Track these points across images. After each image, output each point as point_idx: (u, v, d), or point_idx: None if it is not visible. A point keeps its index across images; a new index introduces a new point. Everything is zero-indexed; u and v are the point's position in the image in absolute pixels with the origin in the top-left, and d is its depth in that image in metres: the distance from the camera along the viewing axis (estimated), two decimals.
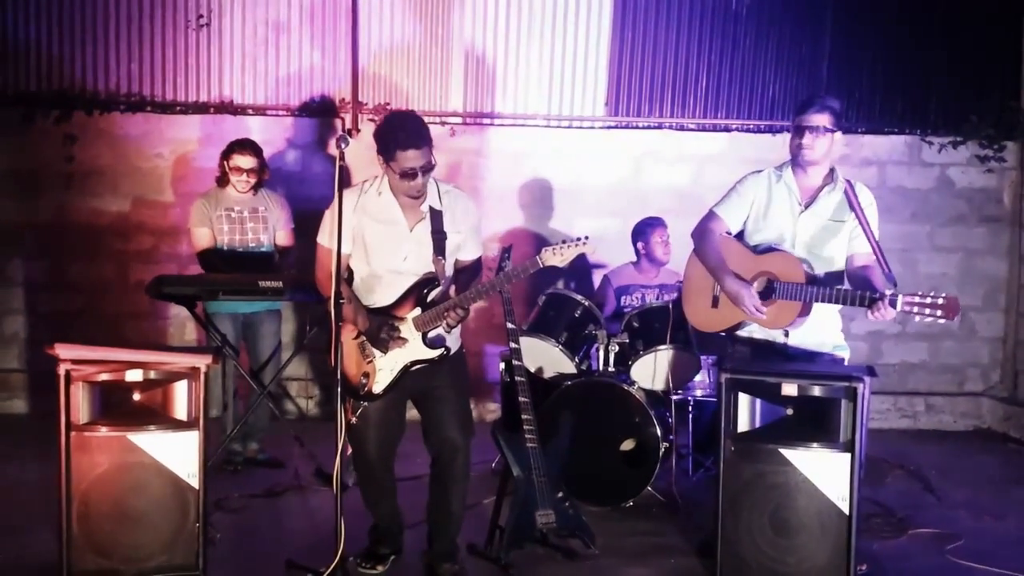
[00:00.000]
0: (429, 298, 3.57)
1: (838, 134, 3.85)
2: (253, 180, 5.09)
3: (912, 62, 6.63)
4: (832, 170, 3.92)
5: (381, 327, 3.53)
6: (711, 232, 3.95)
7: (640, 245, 5.49)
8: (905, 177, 6.70)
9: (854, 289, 3.67)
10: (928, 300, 3.47)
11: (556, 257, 3.41)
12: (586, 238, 3.43)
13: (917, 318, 3.52)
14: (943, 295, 3.47)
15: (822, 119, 3.79)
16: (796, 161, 3.88)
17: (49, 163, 6.30)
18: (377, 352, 3.57)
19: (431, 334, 3.58)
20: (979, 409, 6.81)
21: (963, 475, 5.48)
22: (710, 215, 3.99)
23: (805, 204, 3.88)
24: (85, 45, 6.34)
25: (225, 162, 5.09)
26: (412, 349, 3.56)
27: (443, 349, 3.59)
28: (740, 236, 4.01)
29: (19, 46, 6.33)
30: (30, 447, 5.11)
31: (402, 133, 3.41)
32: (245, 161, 5.06)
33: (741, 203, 3.95)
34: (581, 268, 6.43)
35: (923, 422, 6.79)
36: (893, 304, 3.49)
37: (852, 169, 6.58)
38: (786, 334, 3.88)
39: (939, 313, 3.46)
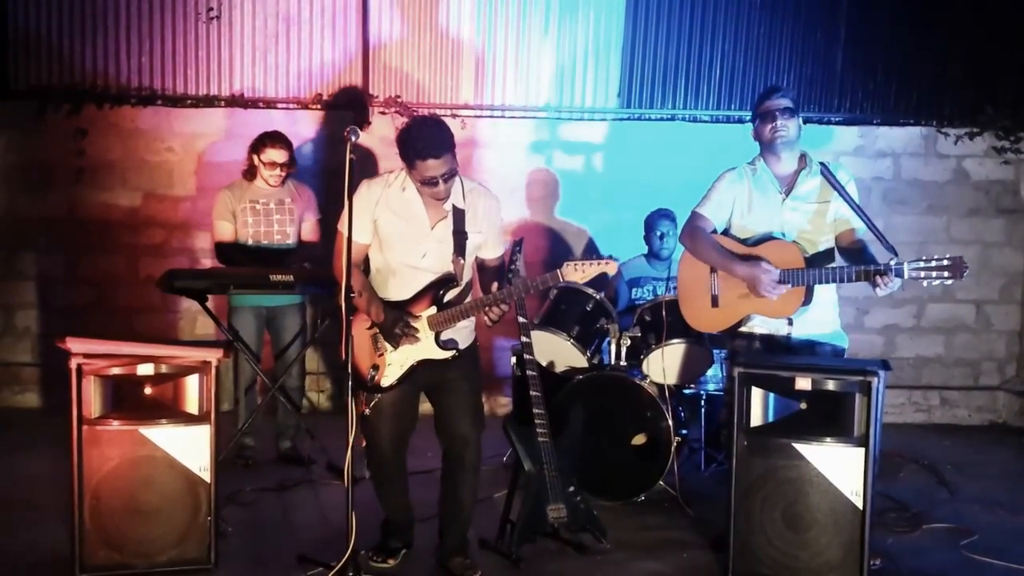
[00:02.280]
0: (446, 299, 3.56)
1: (799, 117, 3.89)
2: (285, 173, 5.03)
3: (927, 52, 6.57)
4: (804, 154, 3.93)
5: (396, 322, 3.52)
6: (702, 231, 3.93)
7: (644, 237, 5.55)
8: (921, 169, 6.65)
9: (856, 265, 3.67)
10: (933, 263, 3.55)
11: (577, 273, 3.41)
12: (609, 257, 3.42)
13: (925, 283, 3.59)
14: (947, 256, 3.55)
15: (787, 102, 3.84)
16: (771, 148, 3.88)
17: (60, 157, 6.31)
18: (388, 346, 3.56)
19: (444, 335, 3.57)
20: (995, 403, 6.77)
21: (978, 470, 5.44)
22: (695, 216, 3.97)
23: (786, 191, 3.89)
24: (96, 39, 6.35)
25: (255, 155, 5.00)
26: (423, 348, 3.56)
27: (454, 351, 3.59)
28: (725, 234, 3.99)
29: (30, 40, 6.34)
30: (42, 441, 5.12)
31: (423, 142, 3.39)
32: (279, 155, 4.98)
33: (723, 201, 3.95)
34: None
35: (938, 416, 6.75)
36: (899, 273, 3.56)
37: (867, 161, 6.55)
38: (790, 323, 3.87)
39: (946, 274, 3.54)
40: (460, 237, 3.55)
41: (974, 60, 6.55)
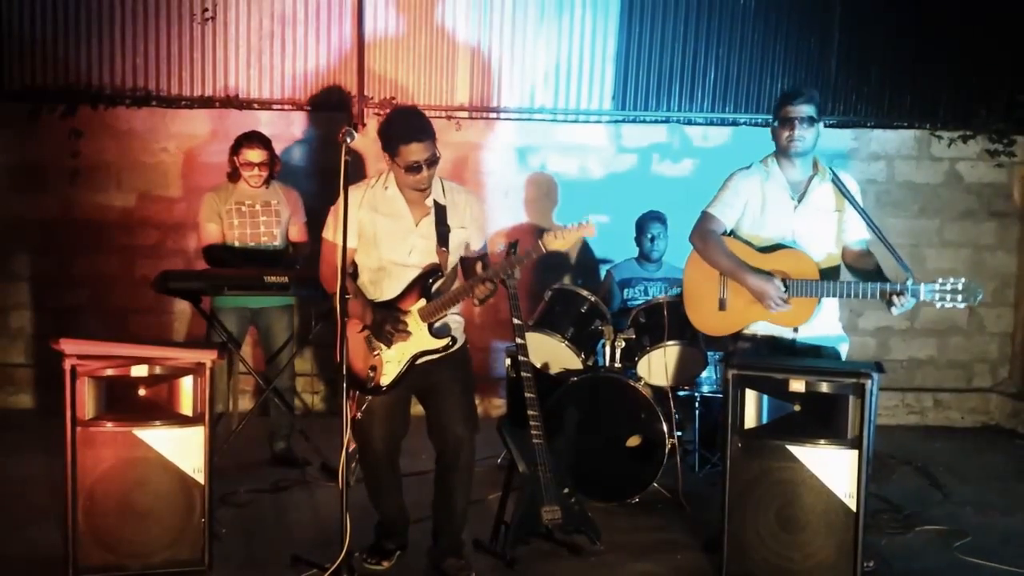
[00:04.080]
0: (434, 288, 3.57)
1: (820, 124, 3.84)
2: (265, 173, 5.04)
3: (921, 56, 6.59)
4: (815, 160, 3.89)
5: (385, 321, 3.53)
6: (713, 233, 3.88)
7: (635, 239, 5.57)
8: (914, 172, 6.66)
9: (872, 282, 3.66)
10: (949, 286, 3.57)
11: (558, 241, 3.39)
12: (588, 220, 3.39)
13: (939, 304, 3.60)
14: (961, 280, 3.57)
15: (809, 109, 3.78)
16: (785, 154, 3.84)
17: (55, 158, 6.29)
18: (382, 345, 3.56)
19: (436, 324, 3.58)
20: (987, 405, 6.78)
21: (971, 471, 5.46)
22: (706, 217, 3.92)
23: (799, 198, 3.86)
24: (91, 39, 6.34)
25: (234, 157, 5.03)
26: (418, 340, 3.56)
27: (449, 339, 3.59)
28: (733, 235, 3.96)
29: (25, 41, 6.33)
30: (36, 442, 5.09)
31: (404, 128, 3.44)
32: (255, 155, 5.00)
33: (735, 202, 3.90)
34: (589, 264, 6.41)
35: (931, 418, 6.76)
36: (916, 295, 3.56)
37: (860, 163, 6.56)
38: (795, 329, 3.86)
39: (960, 298, 3.56)
40: (443, 230, 3.58)
41: (968, 63, 6.57)
